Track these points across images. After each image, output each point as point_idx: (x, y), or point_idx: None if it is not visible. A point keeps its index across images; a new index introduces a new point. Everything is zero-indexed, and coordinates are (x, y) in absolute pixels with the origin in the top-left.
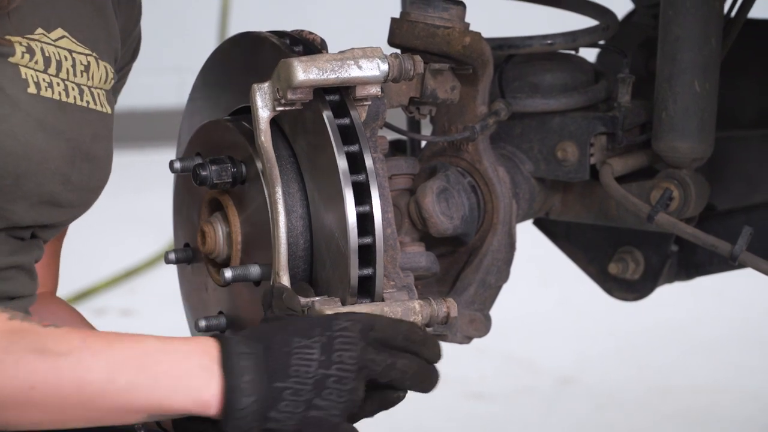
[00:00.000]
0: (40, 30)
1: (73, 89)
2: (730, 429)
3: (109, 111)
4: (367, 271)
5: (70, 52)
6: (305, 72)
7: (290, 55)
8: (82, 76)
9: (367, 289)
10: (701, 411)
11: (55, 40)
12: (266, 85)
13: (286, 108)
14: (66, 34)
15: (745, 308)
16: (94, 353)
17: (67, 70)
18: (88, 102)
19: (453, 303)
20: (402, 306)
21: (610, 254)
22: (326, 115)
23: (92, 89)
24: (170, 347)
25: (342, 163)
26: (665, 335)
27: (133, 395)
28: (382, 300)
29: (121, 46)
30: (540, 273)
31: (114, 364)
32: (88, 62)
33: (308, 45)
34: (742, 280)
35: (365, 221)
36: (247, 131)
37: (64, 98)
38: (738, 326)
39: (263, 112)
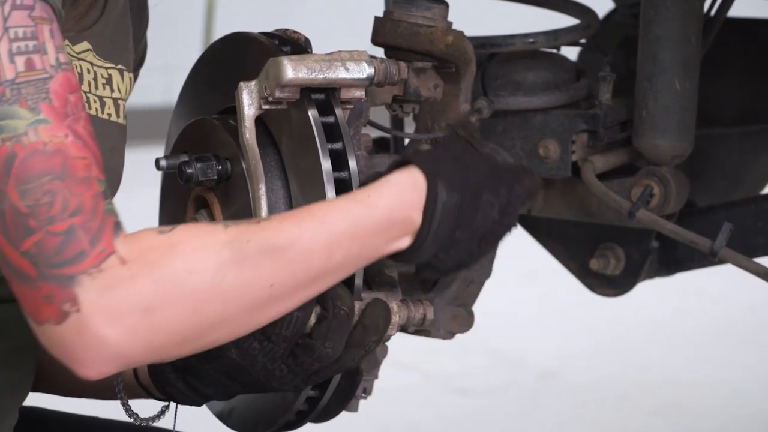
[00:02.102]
0: (66, 42)
1: (94, 101)
2: (710, 423)
3: (125, 122)
4: None
5: (92, 65)
6: (294, 71)
7: (279, 54)
8: (104, 88)
9: (347, 284)
10: (682, 406)
11: (79, 53)
12: (253, 83)
13: (273, 107)
14: (90, 47)
15: (725, 304)
16: (313, 237)
17: (89, 82)
18: (109, 114)
19: (430, 306)
20: None
21: (591, 250)
22: (311, 112)
23: (117, 101)
24: (374, 213)
25: (325, 161)
26: (646, 331)
27: (349, 263)
28: (360, 297)
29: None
30: (523, 269)
31: (329, 244)
32: (110, 75)
33: (295, 45)
34: (723, 277)
35: None
36: (232, 129)
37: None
38: (718, 322)
39: (249, 110)
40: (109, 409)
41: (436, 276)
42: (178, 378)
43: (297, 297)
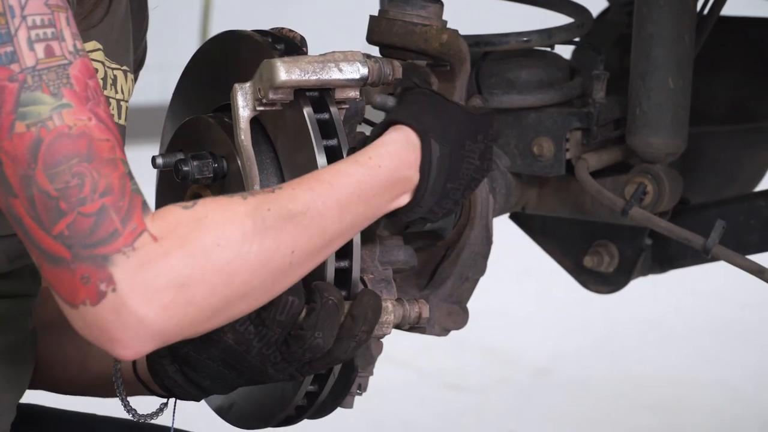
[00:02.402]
0: None
1: None
2: (703, 420)
3: (126, 123)
4: (344, 264)
5: (103, 64)
6: (287, 72)
7: (273, 53)
8: (110, 89)
9: (343, 281)
10: (675, 403)
11: (88, 52)
12: (248, 85)
13: (267, 108)
14: (100, 47)
15: (718, 301)
16: (325, 200)
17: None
18: (113, 115)
19: (425, 305)
20: None
21: (585, 248)
22: (306, 110)
23: (119, 102)
24: (378, 173)
25: (320, 156)
26: (639, 328)
27: (356, 224)
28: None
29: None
30: (517, 267)
31: (340, 206)
32: (115, 76)
33: (289, 43)
34: (715, 274)
35: None
36: (228, 127)
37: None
38: (711, 319)
39: (244, 112)
40: (108, 408)
41: (421, 227)
42: (176, 371)
43: (314, 260)
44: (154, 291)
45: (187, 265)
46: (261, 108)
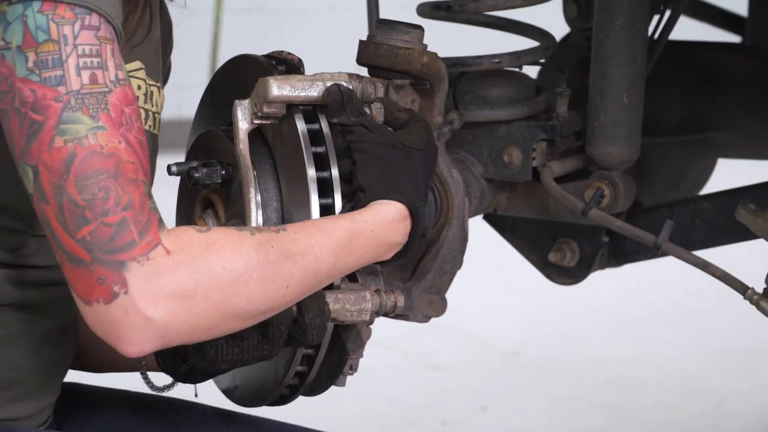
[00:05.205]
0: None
1: (142, 113)
2: (652, 394)
3: (158, 132)
4: None
5: (144, 81)
6: (279, 89)
7: (274, 74)
8: (148, 103)
9: None
10: (628, 379)
11: (132, 71)
12: (246, 101)
13: (263, 121)
14: (143, 66)
15: (666, 291)
16: (322, 248)
17: (139, 97)
18: (150, 126)
19: (400, 295)
20: (355, 294)
21: (549, 244)
22: (299, 121)
23: (154, 114)
24: (369, 236)
25: (309, 162)
26: (598, 315)
27: (344, 271)
28: (338, 287)
29: None
30: (490, 261)
31: (334, 255)
32: (152, 92)
33: (289, 65)
34: (664, 267)
35: (327, 213)
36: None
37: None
38: (659, 306)
39: (243, 125)
40: (133, 385)
41: None
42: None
43: (303, 295)
44: (161, 298)
45: (194, 280)
46: (258, 121)
